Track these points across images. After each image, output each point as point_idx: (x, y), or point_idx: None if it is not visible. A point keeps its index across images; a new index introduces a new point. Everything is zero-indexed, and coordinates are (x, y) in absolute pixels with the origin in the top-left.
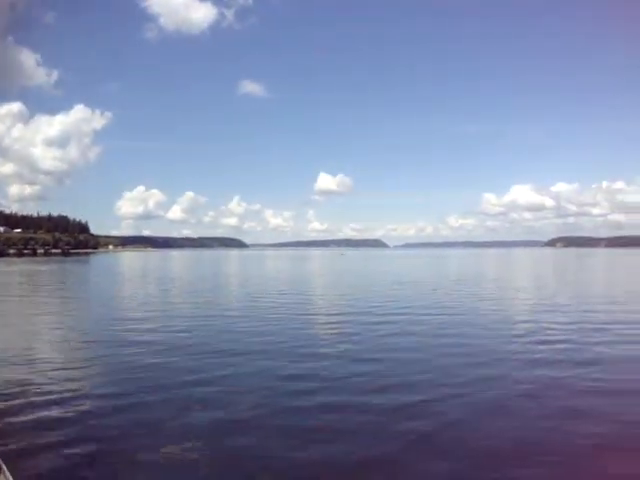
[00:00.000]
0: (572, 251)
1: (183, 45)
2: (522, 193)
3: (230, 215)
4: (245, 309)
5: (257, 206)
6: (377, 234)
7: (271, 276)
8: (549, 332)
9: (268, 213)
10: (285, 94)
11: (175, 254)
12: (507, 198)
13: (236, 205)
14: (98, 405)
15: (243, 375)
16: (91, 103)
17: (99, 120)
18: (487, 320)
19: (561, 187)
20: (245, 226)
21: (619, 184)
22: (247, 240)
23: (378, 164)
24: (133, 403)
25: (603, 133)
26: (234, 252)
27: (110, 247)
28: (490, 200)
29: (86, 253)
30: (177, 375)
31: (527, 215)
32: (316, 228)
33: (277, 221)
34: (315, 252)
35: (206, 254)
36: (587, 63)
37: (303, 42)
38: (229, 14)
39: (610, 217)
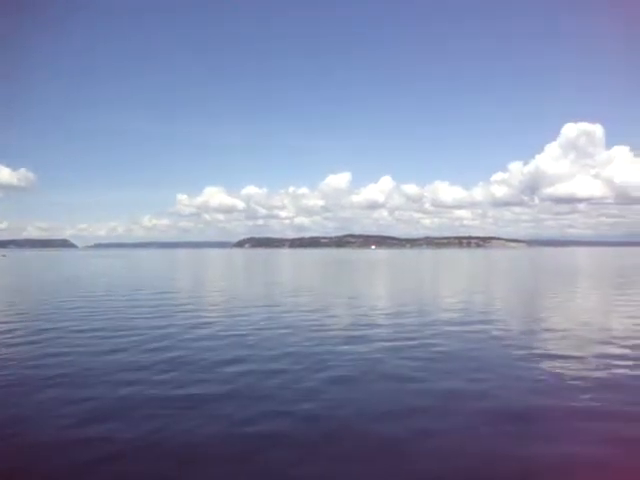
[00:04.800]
0: (251, 251)
1: None
2: (214, 195)
3: None
4: None
5: None
6: (66, 234)
7: None
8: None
9: None
10: None
11: None
12: (200, 199)
13: None
14: None
15: None
16: None
17: None
18: None
19: (252, 190)
20: None
21: (303, 190)
22: None
23: (66, 160)
24: None
25: (286, 143)
26: None
27: None
28: (183, 201)
29: None
30: None
31: (219, 216)
32: None
33: None
34: None
35: None
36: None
37: None
38: None
39: (296, 220)
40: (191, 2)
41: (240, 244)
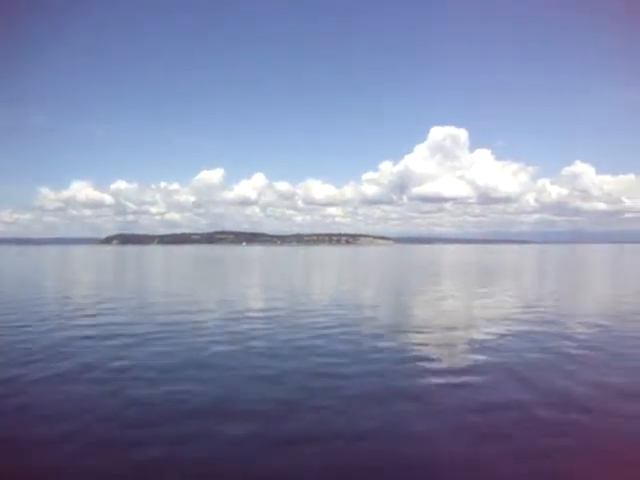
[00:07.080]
0: (117, 248)
1: None
2: (82, 189)
3: None
4: None
5: None
6: None
7: None
8: None
9: None
10: None
11: None
12: (66, 194)
13: None
14: None
15: None
16: None
17: None
18: None
19: (121, 185)
20: None
21: (175, 185)
22: None
23: None
24: None
25: (158, 137)
26: None
27: None
28: (48, 195)
29: None
30: None
31: (87, 212)
32: None
33: None
34: None
35: None
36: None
37: None
38: None
39: (167, 216)
40: None
41: (107, 241)
